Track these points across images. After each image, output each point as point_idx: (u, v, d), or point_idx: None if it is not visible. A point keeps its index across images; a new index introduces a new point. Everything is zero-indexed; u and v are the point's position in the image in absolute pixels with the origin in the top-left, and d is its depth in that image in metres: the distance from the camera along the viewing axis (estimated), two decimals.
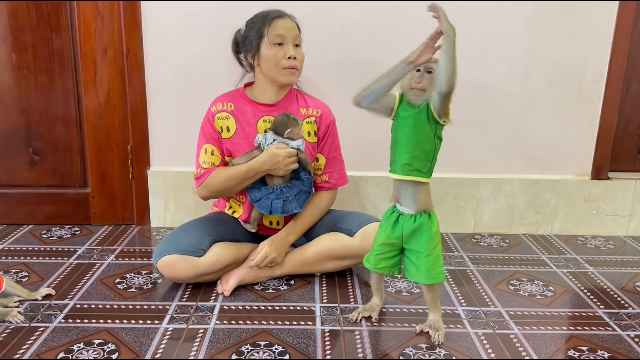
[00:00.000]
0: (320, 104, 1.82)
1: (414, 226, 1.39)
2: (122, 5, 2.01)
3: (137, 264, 1.88)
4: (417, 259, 1.41)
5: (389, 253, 1.46)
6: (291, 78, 1.71)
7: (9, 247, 2.00)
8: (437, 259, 1.40)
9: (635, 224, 2.28)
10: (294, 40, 1.69)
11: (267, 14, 1.70)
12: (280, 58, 1.67)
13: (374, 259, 1.48)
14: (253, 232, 1.81)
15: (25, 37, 2.05)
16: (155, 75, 2.10)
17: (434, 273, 1.40)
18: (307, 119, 1.77)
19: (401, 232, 1.41)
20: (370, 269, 1.51)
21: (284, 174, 1.68)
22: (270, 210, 1.69)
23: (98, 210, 2.24)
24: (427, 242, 1.39)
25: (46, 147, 2.17)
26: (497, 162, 2.23)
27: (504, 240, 2.20)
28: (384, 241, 1.45)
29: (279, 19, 1.68)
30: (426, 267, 1.39)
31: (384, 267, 1.48)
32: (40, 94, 2.11)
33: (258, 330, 1.46)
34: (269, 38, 1.66)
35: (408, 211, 1.40)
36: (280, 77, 1.70)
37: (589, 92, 2.16)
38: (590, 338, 1.46)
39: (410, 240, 1.41)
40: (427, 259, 1.39)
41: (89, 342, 1.38)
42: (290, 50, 1.67)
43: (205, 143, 1.75)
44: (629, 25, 2.09)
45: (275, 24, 1.67)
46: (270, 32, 1.66)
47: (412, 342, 1.42)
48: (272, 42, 1.66)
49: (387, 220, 1.45)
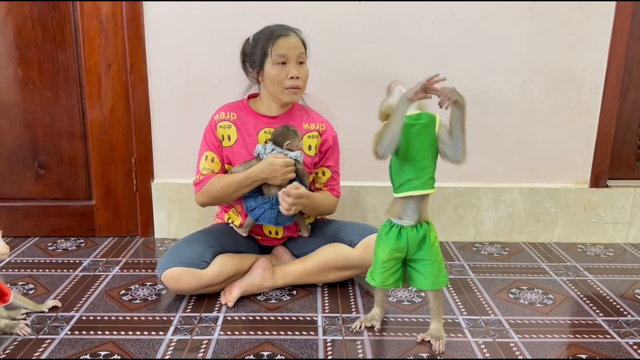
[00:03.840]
0: (324, 119, 1.85)
1: (419, 236, 1.41)
2: (125, 21, 2.05)
3: (142, 275, 1.90)
4: (424, 267, 1.43)
5: (394, 267, 1.47)
6: (293, 97, 1.73)
7: (15, 260, 2.03)
8: (440, 264, 1.44)
9: (634, 232, 2.30)
10: (298, 58, 1.70)
11: (272, 32, 1.70)
12: (282, 78, 1.69)
13: (381, 277, 1.48)
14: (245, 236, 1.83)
15: (31, 54, 2.09)
16: (159, 90, 2.13)
17: (440, 278, 1.44)
18: (309, 134, 1.80)
19: (406, 244, 1.42)
20: (377, 287, 1.51)
21: (280, 183, 1.69)
22: (258, 218, 1.71)
23: (103, 222, 2.27)
24: (431, 249, 1.42)
25: (51, 161, 2.20)
26: (496, 171, 2.26)
27: (504, 248, 2.21)
28: (389, 257, 1.45)
29: (283, 38, 1.69)
30: (433, 273, 1.43)
31: (391, 283, 1.48)
32: (45, 109, 2.15)
33: (261, 341, 1.48)
34: (272, 57, 1.68)
35: (408, 223, 1.41)
36: (283, 97, 1.73)
37: (587, 102, 2.18)
38: (590, 346, 1.48)
39: (417, 250, 1.43)
40: (433, 266, 1.42)
41: (95, 353, 1.41)
42: (292, 70, 1.68)
43: (207, 150, 1.78)
44: (625, 35, 2.12)
45: (278, 44, 1.68)
46: (274, 52, 1.67)
47: (413, 352, 1.43)
48: (275, 62, 1.68)
49: (387, 235, 1.44)
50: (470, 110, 2.13)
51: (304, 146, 1.77)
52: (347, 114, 2.13)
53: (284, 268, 1.79)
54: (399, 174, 1.38)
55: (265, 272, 1.75)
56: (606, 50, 2.13)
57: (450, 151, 1.38)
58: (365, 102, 2.05)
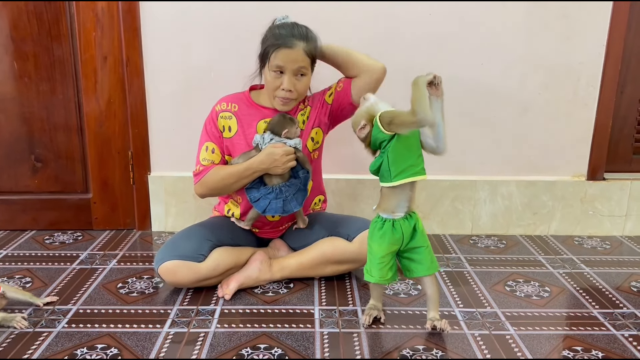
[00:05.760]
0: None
1: (411, 226, 1.45)
2: (121, 14, 2.04)
3: (139, 269, 1.91)
4: (419, 254, 1.47)
5: (391, 261, 1.48)
6: (284, 107, 1.71)
7: (13, 253, 2.03)
8: (431, 249, 1.49)
9: (631, 224, 2.30)
10: (297, 71, 1.64)
11: (277, 39, 1.63)
12: (276, 86, 1.66)
13: (380, 272, 1.47)
14: (247, 229, 1.82)
15: (27, 47, 2.08)
16: (155, 82, 2.13)
17: (434, 262, 1.49)
18: (301, 112, 1.78)
19: (401, 236, 1.44)
20: (376, 282, 1.50)
21: (282, 172, 1.69)
22: (265, 209, 1.70)
23: (100, 215, 2.27)
24: (422, 236, 1.47)
25: (48, 154, 2.20)
26: (494, 164, 2.26)
27: (501, 241, 2.22)
28: (387, 251, 1.45)
29: (285, 50, 1.61)
30: (428, 258, 1.47)
31: (391, 277, 1.49)
32: (41, 102, 2.14)
33: (258, 334, 1.48)
34: (269, 65, 1.65)
35: (399, 215, 1.44)
36: (275, 103, 1.71)
37: (584, 95, 2.18)
38: (585, 338, 1.48)
39: (411, 239, 1.46)
40: (426, 251, 1.47)
41: (92, 346, 1.41)
42: (285, 82, 1.64)
43: (207, 141, 1.77)
44: (622, 29, 2.12)
45: (277, 54, 1.62)
46: (272, 61, 1.64)
47: (409, 344, 1.44)
48: (272, 70, 1.65)
49: (382, 230, 1.44)
50: (467, 103, 2.17)
51: (299, 122, 1.75)
52: None
53: (281, 261, 1.80)
54: (399, 161, 1.39)
55: (262, 265, 1.76)
56: (604, 43, 2.13)
57: (433, 142, 1.42)
58: None
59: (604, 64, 2.15)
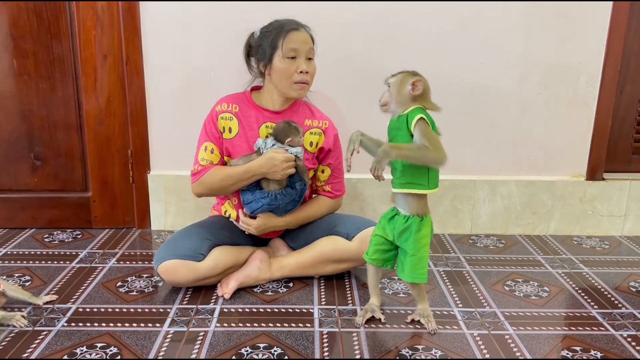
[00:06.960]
0: (326, 117, 1.85)
1: (404, 226, 1.46)
2: (121, 12, 2.04)
3: (139, 267, 1.91)
4: (404, 256, 1.49)
5: (383, 246, 1.53)
6: (301, 92, 1.72)
7: (12, 252, 2.03)
8: (420, 260, 1.46)
9: (630, 224, 2.31)
10: (307, 53, 1.69)
11: (283, 25, 1.68)
12: (292, 72, 1.67)
13: (371, 249, 1.56)
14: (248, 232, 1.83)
15: (26, 45, 2.08)
16: (155, 81, 2.12)
17: (416, 273, 1.47)
18: (311, 130, 1.79)
19: (393, 229, 1.49)
20: (366, 261, 1.57)
21: (280, 178, 1.69)
22: (254, 211, 1.73)
23: (99, 214, 2.27)
24: (413, 243, 1.46)
25: (48, 153, 2.19)
26: (493, 164, 2.26)
27: (500, 241, 2.22)
28: (378, 232, 1.54)
29: (294, 32, 1.67)
30: (410, 266, 1.47)
31: (377, 259, 1.54)
32: (41, 100, 2.14)
33: (257, 333, 1.49)
34: (282, 51, 1.66)
35: (403, 212, 1.48)
36: (290, 91, 1.71)
37: (584, 95, 2.19)
38: (584, 338, 1.49)
39: (400, 238, 1.48)
40: (411, 259, 1.46)
41: (92, 345, 1.41)
42: (302, 64, 1.67)
43: (206, 141, 1.77)
44: (622, 28, 2.12)
45: (290, 37, 1.66)
46: (285, 45, 1.65)
47: (409, 343, 1.44)
48: (286, 56, 1.66)
49: (385, 216, 1.53)
50: (467, 103, 2.17)
51: (305, 142, 1.77)
52: (343, 107, 2.13)
53: (281, 260, 1.80)
54: (435, 171, 1.47)
55: (261, 264, 1.76)
56: (603, 43, 2.13)
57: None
58: (362, 95, 2.05)
59: (603, 63, 2.15)
